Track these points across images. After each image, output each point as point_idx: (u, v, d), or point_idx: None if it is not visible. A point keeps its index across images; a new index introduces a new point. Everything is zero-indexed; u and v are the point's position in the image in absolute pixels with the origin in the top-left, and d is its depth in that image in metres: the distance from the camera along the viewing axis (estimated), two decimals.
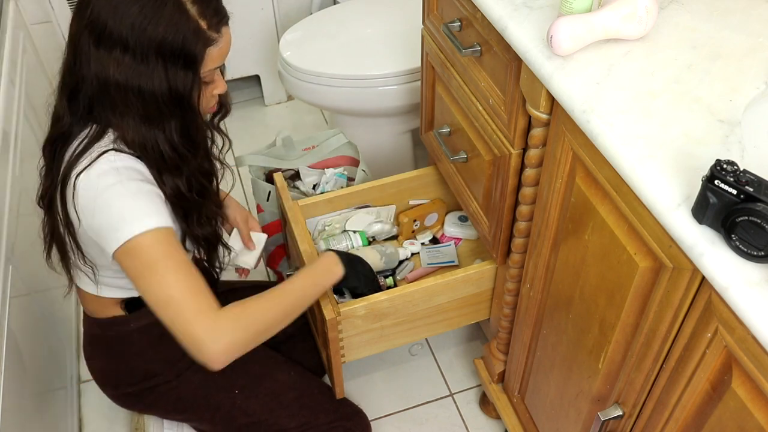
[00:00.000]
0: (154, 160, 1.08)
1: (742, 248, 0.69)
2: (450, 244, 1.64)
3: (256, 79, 2.43)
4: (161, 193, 1.09)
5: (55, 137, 1.10)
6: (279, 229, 1.71)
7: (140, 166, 1.07)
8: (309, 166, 1.75)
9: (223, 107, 1.22)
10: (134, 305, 1.25)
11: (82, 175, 1.03)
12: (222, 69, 1.15)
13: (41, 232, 1.19)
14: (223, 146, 1.27)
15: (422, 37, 1.39)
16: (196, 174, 1.16)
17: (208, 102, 1.14)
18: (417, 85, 1.72)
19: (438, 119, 1.45)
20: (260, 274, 1.94)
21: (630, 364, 0.94)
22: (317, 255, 1.40)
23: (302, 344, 1.54)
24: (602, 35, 0.93)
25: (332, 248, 1.57)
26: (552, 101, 0.98)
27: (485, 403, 1.63)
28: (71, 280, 1.24)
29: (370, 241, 1.63)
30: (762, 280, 0.68)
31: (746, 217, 0.67)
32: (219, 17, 1.05)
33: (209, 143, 1.22)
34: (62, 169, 1.06)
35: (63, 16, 2.03)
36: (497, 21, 1.03)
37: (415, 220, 1.65)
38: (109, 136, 1.07)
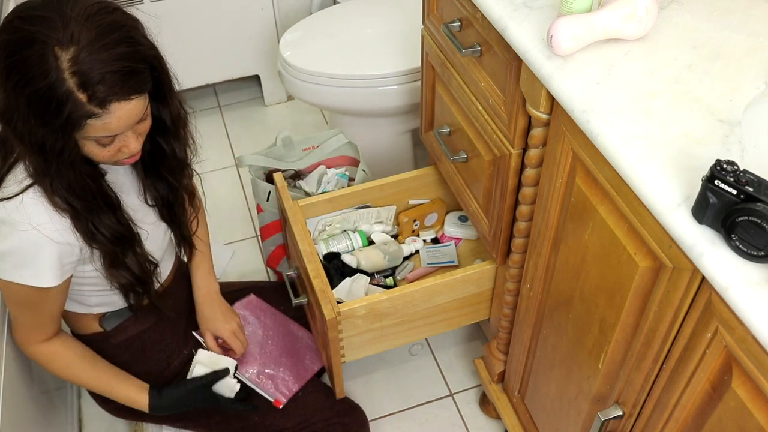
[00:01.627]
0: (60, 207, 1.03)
1: (742, 248, 0.69)
2: (450, 244, 1.64)
3: (256, 79, 2.43)
4: (64, 245, 1.04)
5: None
6: (279, 229, 1.71)
7: (49, 211, 1.02)
8: (309, 166, 1.75)
9: (163, 154, 1.13)
10: (112, 320, 1.26)
11: None
12: (140, 126, 1.02)
13: None
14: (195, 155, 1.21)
15: (422, 37, 1.39)
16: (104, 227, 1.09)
17: (108, 157, 1.01)
18: (417, 85, 1.72)
19: (438, 119, 1.45)
20: (260, 274, 1.94)
21: (630, 364, 0.94)
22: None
23: None
24: (602, 35, 0.93)
25: (333, 250, 1.57)
26: (552, 101, 0.98)
27: (485, 403, 1.63)
28: None
29: (371, 241, 1.63)
30: (762, 280, 0.68)
31: (746, 217, 0.67)
32: (109, 93, 0.92)
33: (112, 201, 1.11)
34: None
35: None
36: (497, 21, 1.03)
37: (415, 220, 1.65)
38: (20, 172, 1.02)
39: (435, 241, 1.67)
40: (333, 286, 1.49)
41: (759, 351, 0.68)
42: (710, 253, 0.71)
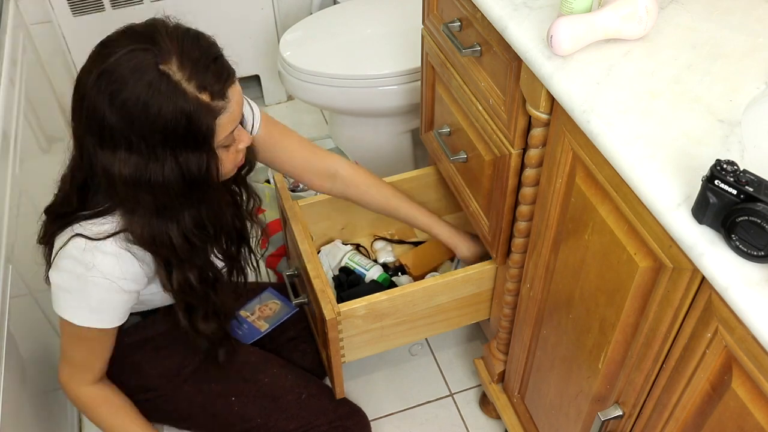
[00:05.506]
0: (164, 255, 1.04)
1: (742, 248, 0.69)
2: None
3: (256, 79, 2.43)
4: (132, 292, 1.08)
5: (63, 213, 1.06)
6: (279, 229, 1.71)
7: (125, 264, 1.04)
8: None
9: (248, 163, 1.14)
10: (129, 319, 1.25)
11: (69, 243, 1.02)
12: (242, 121, 1.05)
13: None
14: (249, 203, 1.21)
15: (422, 37, 1.39)
16: (209, 265, 1.12)
17: (232, 162, 1.05)
18: (417, 85, 1.72)
19: (438, 119, 1.45)
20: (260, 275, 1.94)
21: (630, 364, 0.94)
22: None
23: (303, 346, 1.54)
24: (602, 35, 0.93)
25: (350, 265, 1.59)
26: (552, 101, 0.98)
27: (485, 403, 1.63)
28: None
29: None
30: (762, 280, 0.68)
31: (746, 217, 0.67)
32: (221, 82, 0.95)
33: (236, 219, 1.16)
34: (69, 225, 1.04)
35: (63, 16, 2.03)
36: (497, 21, 1.03)
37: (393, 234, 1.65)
38: (117, 218, 1.03)
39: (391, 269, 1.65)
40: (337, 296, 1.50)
41: (759, 351, 0.68)
42: (710, 253, 0.71)
